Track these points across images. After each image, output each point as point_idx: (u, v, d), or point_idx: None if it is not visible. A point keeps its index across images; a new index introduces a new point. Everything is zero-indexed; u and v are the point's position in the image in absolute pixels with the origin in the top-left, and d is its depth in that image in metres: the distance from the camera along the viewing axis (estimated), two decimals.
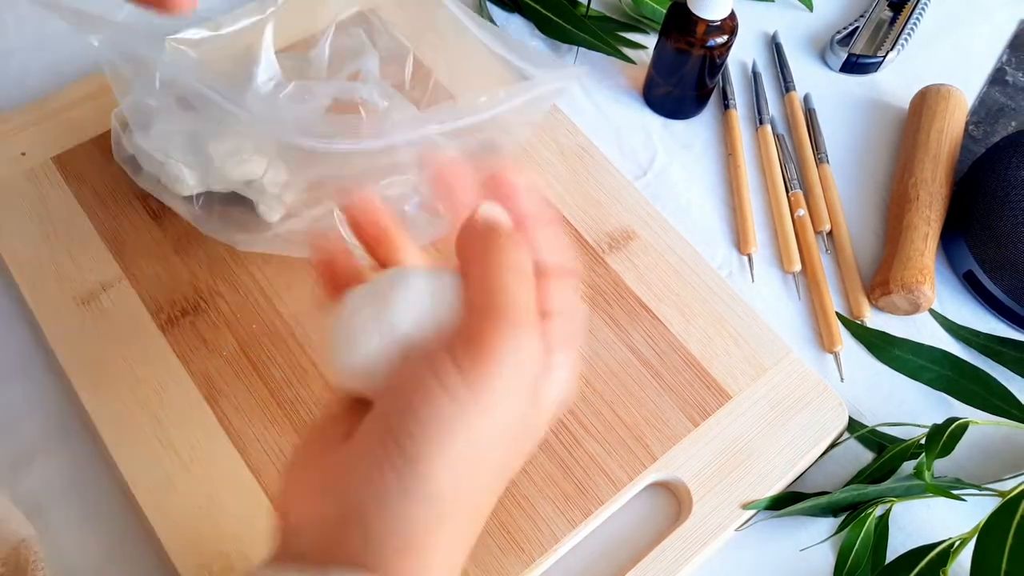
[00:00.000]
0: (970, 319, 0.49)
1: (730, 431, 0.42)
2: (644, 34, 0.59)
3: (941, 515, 0.42)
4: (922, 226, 0.48)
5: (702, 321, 0.45)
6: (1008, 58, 0.60)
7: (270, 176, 0.41)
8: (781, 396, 0.43)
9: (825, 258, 0.50)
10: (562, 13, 0.54)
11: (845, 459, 0.44)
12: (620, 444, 0.41)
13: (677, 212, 0.51)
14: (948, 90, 0.53)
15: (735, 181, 0.53)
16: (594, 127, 0.54)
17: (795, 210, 0.51)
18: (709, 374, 0.44)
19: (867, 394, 0.46)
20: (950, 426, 0.40)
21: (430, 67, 0.53)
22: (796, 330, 0.48)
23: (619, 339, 0.44)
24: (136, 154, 0.42)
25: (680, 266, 0.47)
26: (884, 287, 0.47)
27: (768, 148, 0.54)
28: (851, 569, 0.40)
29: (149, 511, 0.38)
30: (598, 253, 0.47)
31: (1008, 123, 0.57)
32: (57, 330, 0.43)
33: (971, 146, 0.55)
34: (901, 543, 0.41)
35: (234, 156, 0.40)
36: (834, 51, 0.58)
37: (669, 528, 0.40)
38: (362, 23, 0.55)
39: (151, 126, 0.41)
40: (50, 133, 0.49)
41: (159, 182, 0.43)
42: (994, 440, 0.45)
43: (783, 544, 0.41)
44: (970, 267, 0.49)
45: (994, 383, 0.44)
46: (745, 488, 0.41)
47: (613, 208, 0.49)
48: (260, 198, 0.43)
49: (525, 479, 0.40)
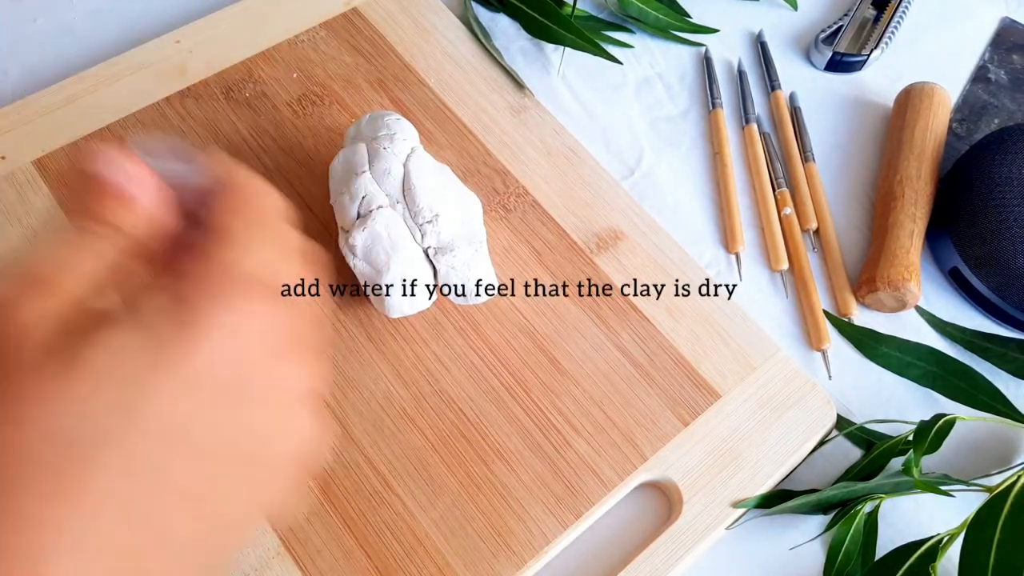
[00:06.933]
0: (956, 315, 0.49)
1: (719, 430, 0.42)
2: (630, 33, 0.59)
3: (930, 511, 0.42)
4: (908, 223, 0.49)
5: (690, 320, 0.45)
6: (991, 56, 0.60)
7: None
8: (770, 394, 0.43)
9: (812, 256, 0.51)
10: (548, 13, 0.54)
11: (834, 456, 0.44)
12: (610, 444, 0.41)
13: (664, 211, 0.51)
14: (932, 88, 0.54)
15: (722, 180, 0.53)
16: (581, 127, 0.54)
17: (782, 208, 0.52)
18: (698, 373, 0.44)
19: (855, 391, 0.46)
20: (937, 422, 0.40)
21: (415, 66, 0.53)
22: (784, 328, 0.48)
23: (608, 339, 0.44)
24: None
25: (668, 265, 0.47)
26: (871, 284, 0.47)
27: (754, 147, 0.54)
28: (841, 566, 0.40)
29: None
30: (586, 253, 0.47)
31: (991, 120, 0.57)
32: None
33: (955, 143, 0.56)
34: (890, 539, 0.41)
35: None
36: (819, 50, 0.58)
37: (660, 528, 0.40)
38: (346, 24, 0.54)
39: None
40: (31, 136, 0.48)
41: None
42: (981, 436, 0.45)
43: (773, 542, 0.42)
44: (955, 264, 0.49)
45: (980, 379, 0.44)
46: (735, 487, 0.41)
47: (601, 208, 0.49)
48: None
49: (515, 480, 0.40)
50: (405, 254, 0.40)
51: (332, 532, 0.38)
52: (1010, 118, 0.57)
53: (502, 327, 0.44)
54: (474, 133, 0.51)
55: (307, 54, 0.53)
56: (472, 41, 0.55)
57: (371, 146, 0.42)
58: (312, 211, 0.47)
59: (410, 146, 0.42)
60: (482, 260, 0.42)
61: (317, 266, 0.23)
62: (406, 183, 0.41)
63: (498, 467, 0.40)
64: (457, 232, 0.41)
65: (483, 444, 0.41)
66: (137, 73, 0.51)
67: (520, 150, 0.50)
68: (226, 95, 0.51)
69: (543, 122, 0.52)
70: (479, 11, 0.58)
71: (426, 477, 0.40)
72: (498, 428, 0.41)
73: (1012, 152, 0.48)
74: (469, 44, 0.55)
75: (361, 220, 0.40)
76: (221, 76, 0.51)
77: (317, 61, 0.53)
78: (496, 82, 0.53)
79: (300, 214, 0.47)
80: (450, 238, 0.41)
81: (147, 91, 0.50)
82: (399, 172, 0.41)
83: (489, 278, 0.42)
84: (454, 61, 0.54)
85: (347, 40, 0.54)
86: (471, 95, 0.52)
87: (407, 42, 0.54)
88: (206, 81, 0.51)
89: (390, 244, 0.40)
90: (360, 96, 0.52)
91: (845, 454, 0.44)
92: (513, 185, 0.49)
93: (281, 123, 0.50)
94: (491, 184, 0.49)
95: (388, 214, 0.40)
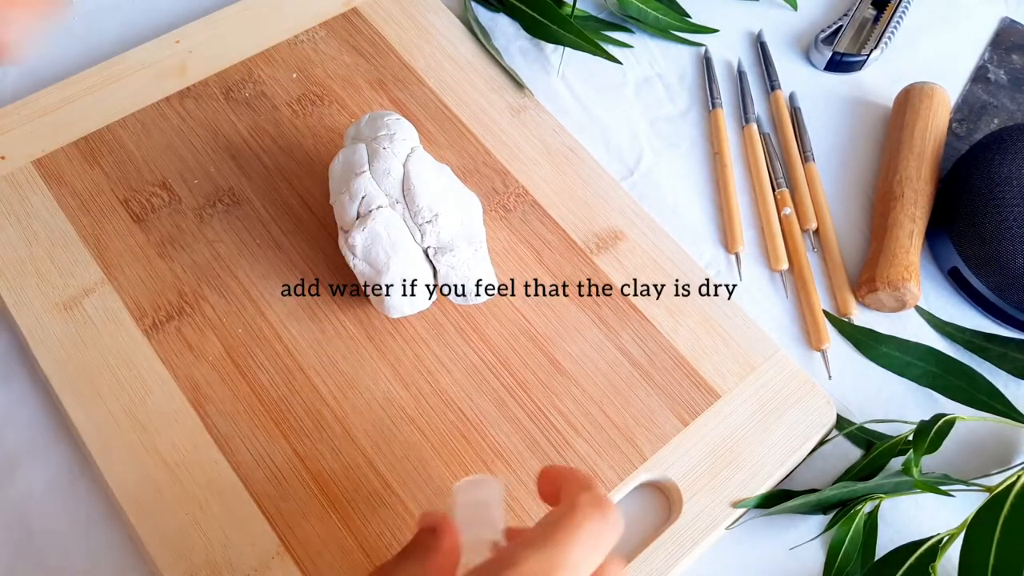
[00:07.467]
0: (955, 315, 0.49)
1: (719, 430, 0.42)
2: (630, 33, 0.59)
3: (929, 511, 0.43)
4: (907, 223, 0.49)
5: (690, 320, 0.45)
6: (990, 56, 0.60)
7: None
8: (769, 394, 0.43)
9: (812, 256, 0.51)
10: (547, 13, 0.54)
11: (834, 456, 0.44)
12: (610, 445, 0.41)
13: (664, 211, 0.51)
14: (932, 88, 0.54)
15: (721, 180, 0.53)
16: (580, 127, 0.54)
17: (781, 208, 0.52)
18: (698, 373, 0.44)
19: (854, 391, 0.46)
20: (937, 422, 0.40)
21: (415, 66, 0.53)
22: (783, 328, 0.48)
23: (608, 339, 0.44)
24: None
25: (668, 265, 0.47)
26: (870, 284, 0.47)
27: (754, 147, 0.54)
28: (841, 566, 0.40)
29: (135, 518, 0.38)
30: (586, 254, 0.47)
31: (991, 120, 0.57)
32: (39, 336, 0.42)
33: (955, 143, 0.56)
34: (890, 539, 0.41)
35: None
36: (819, 50, 0.58)
37: (660, 528, 0.40)
38: (345, 24, 0.54)
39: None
40: (31, 136, 0.48)
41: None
42: (981, 436, 0.45)
43: (773, 542, 0.42)
44: (955, 264, 0.49)
45: (980, 379, 0.44)
46: (735, 487, 0.41)
47: (600, 208, 0.49)
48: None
49: (515, 481, 0.40)
50: (405, 254, 0.40)
51: (332, 532, 0.38)
52: (1010, 118, 0.57)
53: (502, 327, 0.44)
54: (474, 133, 0.51)
55: (307, 54, 0.53)
56: (472, 41, 0.55)
57: (371, 146, 0.42)
58: (312, 211, 0.47)
59: (410, 146, 0.42)
60: (482, 260, 0.42)
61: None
62: (406, 183, 0.41)
63: (498, 467, 0.40)
64: (457, 232, 0.41)
65: (483, 444, 0.41)
66: (137, 73, 0.51)
67: (520, 150, 0.50)
68: (226, 95, 0.51)
69: (543, 122, 0.52)
70: (479, 11, 0.58)
71: (426, 477, 0.40)
72: (498, 428, 0.41)
73: (1012, 152, 0.48)
74: (469, 44, 0.55)
75: (361, 220, 0.40)
76: (221, 76, 0.51)
77: (317, 61, 0.53)
78: (496, 82, 0.53)
79: (303, 215, 0.47)
80: (450, 238, 0.41)
81: (147, 91, 0.50)
82: (399, 172, 0.41)
83: (489, 278, 0.42)
84: (454, 61, 0.54)
85: (347, 40, 0.54)
86: (471, 95, 0.52)
87: (407, 42, 0.54)
88: (206, 81, 0.51)
89: (390, 244, 0.40)
90: (360, 96, 0.52)
91: (845, 454, 0.44)
92: (513, 185, 0.49)
93: (281, 123, 0.50)
94: (491, 184, 0.49)
95: (388, 214, 0.40)
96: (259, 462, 0.40)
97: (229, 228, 0.46)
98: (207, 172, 0.48)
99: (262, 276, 0.45)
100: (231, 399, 0.41)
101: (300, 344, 0.43)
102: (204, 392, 0.41)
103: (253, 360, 0.42)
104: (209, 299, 0.44)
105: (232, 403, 0.41)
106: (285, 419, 0.41)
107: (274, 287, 0.44)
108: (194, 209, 0.47)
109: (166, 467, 0.39)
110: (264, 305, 0.44)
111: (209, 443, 0.40)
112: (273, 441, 0.40)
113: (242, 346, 0.43)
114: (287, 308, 0.44)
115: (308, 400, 0.41)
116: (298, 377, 0.42)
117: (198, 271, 0.45)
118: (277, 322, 0.43)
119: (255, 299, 0.44)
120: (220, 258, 0.45)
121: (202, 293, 0.44)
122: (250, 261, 0.45)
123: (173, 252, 0.45)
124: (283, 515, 0.39)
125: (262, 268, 0.45)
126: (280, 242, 0.46)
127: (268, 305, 0.44)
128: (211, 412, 0.41)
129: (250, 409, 0.41)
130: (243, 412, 0.41)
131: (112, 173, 0.47)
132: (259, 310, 0.44)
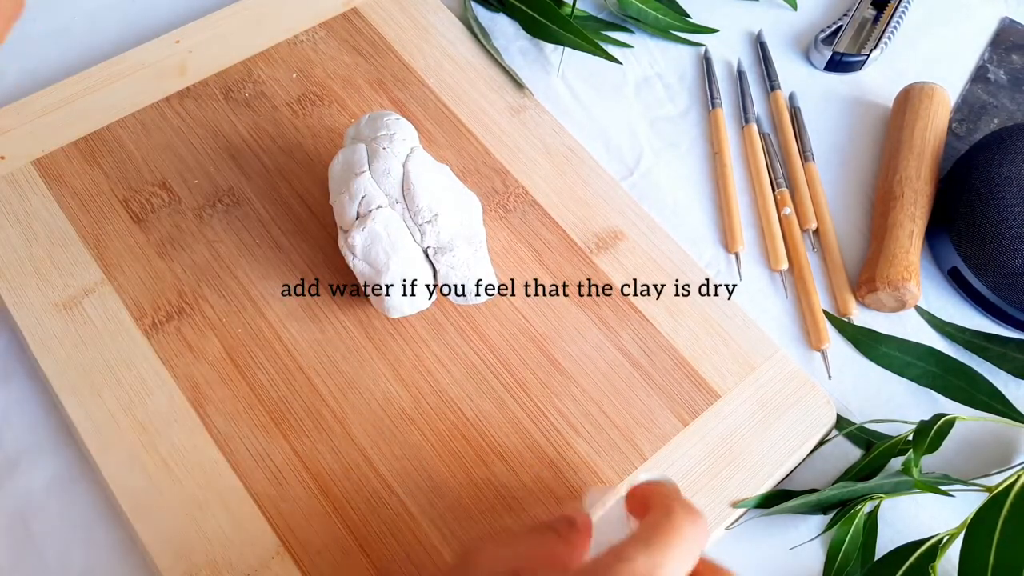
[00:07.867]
0: (955, 315, 0.49)
1: (719, 430, 0.42)
2: (630, 33, 0.59)
3: (929, 511, 0.43)
4: (907, 223, 0.49)
5: (690, 320, 0.45)
6: (990, 56, 0.60)
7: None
8: (769, 394, 0.43)
9: (811, 256, 0.51)
10: (547, 13, 0.54)
11: (833, 456, 0.44)
12: (610, 445, 0.41)
13: (664, 211, 0.51)
14: (931, 88, 0.54)
15: (721, 180, 0.53)
16: (580, 127, 0.54)
17: (781, 208, 0.52)
18: (698, 373, 0.44)
19: (854, 391, 0.46)
20: (937, 422, 0.40)
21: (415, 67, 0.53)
22: (783, 328, 0.48)
23: (608, 340, 0.44)
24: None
25: (668, 265, 0.47)
26: (870, 284, 0.47)
27: (754, 147, 0.54)
28: (841, 566, 0.40)
29: (134, 518, 0.38)
30: (586, 254, 0.47)
31: (991, 120, 0.57)
32: (39, 336, 0.42)
33: (955, 143, 0.56)
34: (890, 539, 0.41)
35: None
36: (818, 50, 0.58)
37: None
38: (345, 24, 0.54)
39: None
40: (31, 136, 0.48)
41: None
42: (981, 436, 0.45)
43: (773, 542, 0.42)
44: (955, 264, 0.49)
45: (980, 379, 0.44)
46: (735, 487, 0.41)
47: (600, 208, 0.49)
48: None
49: (515, 481, 0.40)
50: (405, 254, 0.40)
51: (332, 532, 0.38)
52: (1010, 118, 0.57)
53: (502, 327, 0.44)
54: (473, 133, 0.51)
55: (306, 54, 0.53)
56: (471, 41, 0.55)
57: (370, 146, 0.42)
58: (312, 211, 0.47)
59: (409, 146, 0.42)
60: (482, 260, 0.42)
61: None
62: (405, 183, 0.41)
63: (498, 467, 0.40)
64: (457, 232, 0.41)
65: (483, 444, 0.41)
66: (137, 73, 0.51)
67: (519, 150, 0.50)
68: (225, 95, 0.51)
69: (542, 122, 0.52)
70: (478, 11, 0.58)
71: (426, 477, 0.40)
72: (498, 428, 0.41)
73: (1012, 152, 0.48)
74: (468, 44, 0.55)
75: (360, 220, 0.40)
76: (221, 76, 0.51)
77: (316, 61, 0.53)
78: (495, 82, 0.53)
79: (302, 215, 0.47)
80: (450, 238, 0.41)
81: (147, 91, 0.50)
82: (398, 172, 0.41)
83: (489, 278, 0.42)
84: (453, 61, 0.54)
85: (346, 40, 0.54)
86: (470, 95, 0.52)
87: (406, 42, 0.54)
88: (206, 81, 0.51)
89: (390, 244, 0.40)
90: (359, 96, 0.52)
91: (845, 454, 0.44)
92: (512, 185, 0.49)
93: (280, 123, 0.50)
94: (491, 184, 0.49)
95: (387, 214, 0.40)
96: (259, 462, 0.40)
97: (229, 228, 0.46)
98: (207, 172, 0.48)
99: (262, 276, 0.45)
100: (231, 399, 0.41)
101: (300, 344, 0.43)
102: (204, 392, 0.41)
103: (253, 360, 0.42)
104: (209, 299, 0.44)
105: (232, 403, 0.41)
106: (285, 419, 0.41)
107: (274, 287, 0.44)
108: (194, 209, 0.47)
109: (166, 467, 0.39)
110: (264, 305, 0.44)
111: (209, 443, 0.40)
112: (273, 441, 0.40)
113: (242, 346, 0.43)
114: (287, 308, 0.44)
115: (308, 400, 0.41)
116: (298, 377, 0.42)
117: (198, 271, 0.45)
118: (277, 322, 0.43)
119: (255, 299, 0.44)
120: (220, 258, 0.45)
121: (202, 293, 0.44)
122: (250, 261, 0.45)
123: (173, 252, 0.45)
124: (283, 515, 0.39)
125: (262, 268, 0.45)
126: (280, 242, 0.46)
127: (268, 305, 0.44)
128: (211, 412, 0.41)
129: (250, 409, 0.41)
130: (243, 412, 0.41)
131: (112, 173, 0.47)
132: (259, 310, 0.44)
